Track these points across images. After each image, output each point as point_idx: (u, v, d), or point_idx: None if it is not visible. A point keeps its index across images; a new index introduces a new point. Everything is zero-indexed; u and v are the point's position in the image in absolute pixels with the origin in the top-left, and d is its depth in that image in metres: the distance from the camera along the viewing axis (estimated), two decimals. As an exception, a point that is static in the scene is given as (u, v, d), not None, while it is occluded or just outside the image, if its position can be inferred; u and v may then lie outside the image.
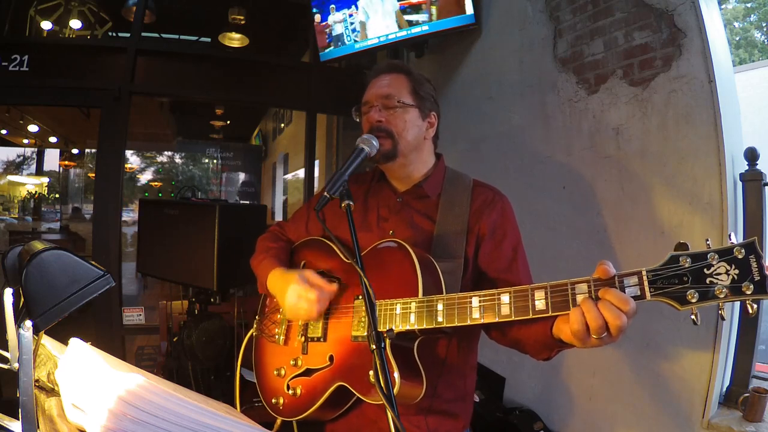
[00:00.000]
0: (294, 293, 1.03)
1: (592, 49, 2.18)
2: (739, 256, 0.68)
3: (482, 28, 2.83)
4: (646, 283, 0.73)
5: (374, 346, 0.77)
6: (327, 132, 4.80)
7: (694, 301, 0.70)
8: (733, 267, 0.68)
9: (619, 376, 2.01)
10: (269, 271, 1.14)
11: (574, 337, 0.78)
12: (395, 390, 0.87)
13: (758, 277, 0.67)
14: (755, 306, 0.68)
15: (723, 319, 0.71)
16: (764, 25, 19.56)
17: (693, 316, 0.71)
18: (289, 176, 9.16)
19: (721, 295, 0.68)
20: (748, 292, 0.67)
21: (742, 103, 2.11)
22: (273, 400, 1.11)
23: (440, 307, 0.89)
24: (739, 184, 1.75)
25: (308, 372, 1.06)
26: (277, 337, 1.15)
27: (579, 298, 0.77)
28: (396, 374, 0.88)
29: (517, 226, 1.15)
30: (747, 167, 1.75)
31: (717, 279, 0.69)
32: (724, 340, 1.70)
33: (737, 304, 1.76)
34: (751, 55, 18.29)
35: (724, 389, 1.79)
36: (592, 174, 2.15)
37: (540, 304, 0.80)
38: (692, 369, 1.76)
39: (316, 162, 4.06)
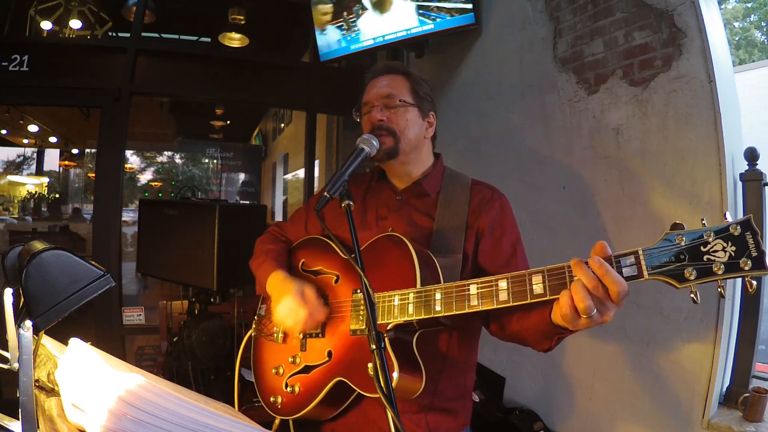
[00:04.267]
0: (286, 305, 1.04)
1: (592, 49, 2.18)
2: (735, 233, 0.68)
3: (482, 28, 2.83)
4: (643, 262, 0.73)
5: (374, 346, 0.77)
6: (327, 132, 4.81)
7: (692, 278, 0.70)
8: (730, 244, 0.68)
9: (619, 376, 2.01)
10: (270, 273, 1.14)
11: (563, 320, 0.79)
12: (394, 384, 0.87)
13: (756, 253, 0.66)
14: (755, 283, 0.67)
15: (722, 296, 0.70)
16: (764, 25, 19.56)
17: (692, 295, 0.70)
18: (289, 176, 9.17)
19: (719, 272, 0.68)
20: (746, 268, 0.67)
21: (742, 103, 2.11)
22: (271, 399, 1.11)
23: (438, 296, 0.90)
24: (739, 184, 1.75)
25: (307, 369, 1.07)
26: (275, 335, 1.16)
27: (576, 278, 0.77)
28: (395, 367, 0.88)
29: (515, 223, 1.16)
30: (747, 167, 1.75)
31: (714, 256, 0.69)
32: (724, 340, 1.70)
33: (737, 304, 1.76)
34: (751, 55, 18.29)
35: (724, 389, 1.79)
36: (592, 174, 2.15)
37: (537, 288, 0.80)
38: (692, 369, 1.76)
39: (316, 162, 4.06)
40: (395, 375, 0.88)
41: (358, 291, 1.03)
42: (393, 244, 1.02)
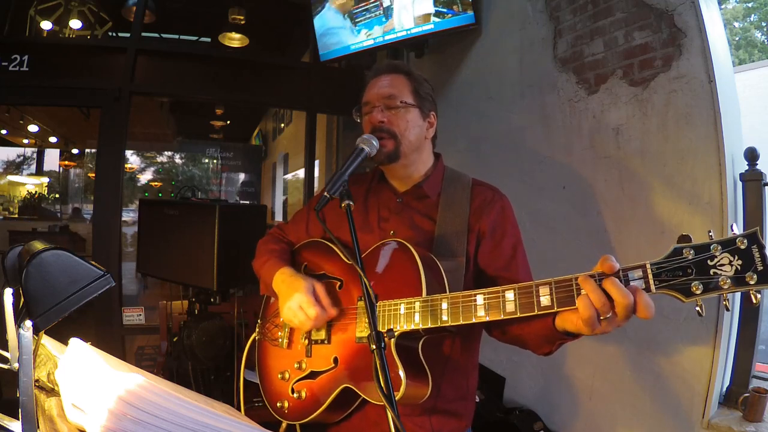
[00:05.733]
0: (296, 302, 1.03)
1: (592, 49, 2.18)
2: (742, 247, 0.68)
3: (482, 28, 2.83)
4: (650, 276, 0.73)
5: (374, 346, 0.77)
6: (327, 132, 4.80)
7: (698, 292, 0.70)
8: (736, 258, 0.69)
9: (619, 376, 2.01)
10: (276, 270, 1.13)
11: (584, 324, 0.77)
12: (401, 391, 0.87)
13: (761, 267, 0.67)
14: (759, 296, 0.68)
15: (727, 309, 0.71)
16: (764, 25, 19.56)
17: (698, 308, 0.71)
18: (289, 176, 9.18)
19: (725, 286, 0.69)
20: (752, 282, 0.67)
21: (742, 103, 2.11)
22: (278, 404, 1.11)
23: (444, 305, 0.89)
24: (739, 184, 1.75)
25: (313, 375, 1.06)
26: (280, 340, 1.15)
27: (584, 292, 0.76)
28: (402, 374, 0.88)
29: (516, 224, 1.15)
30: (747, 167, 1.75)
31: (720, 270, 0.69)
32: (724, 340, 1.70)
33: (738, 302, 1.76)
34: (751, 55, 18.29)
35: (724, 389, 1.79)
36: (592, 174, 2.15)
37: (545, 300, 0.80)
38: (692, 369, 1.76)
39: (316, 162, 4.06)
40: (402, 381, 0.87)
41: (363, 298, 1.03)
42: (397, 249, 1.01)
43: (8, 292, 0.58)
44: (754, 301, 0.68)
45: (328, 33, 3.32)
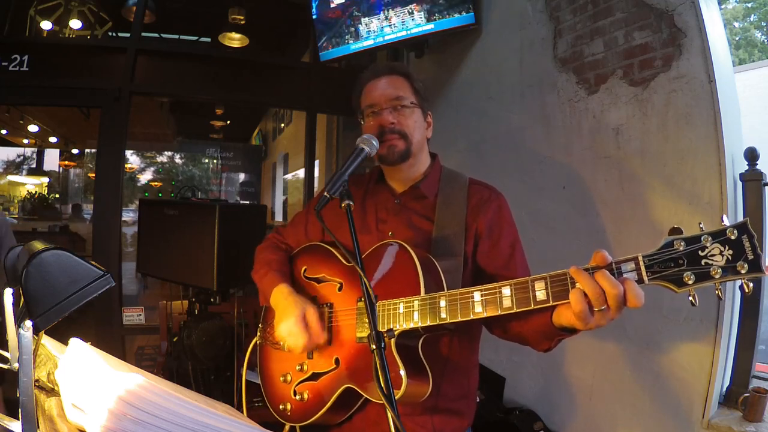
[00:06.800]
0: (287, 328, 1.04)
1: (592, 49, 2.18)
2: (732, 237, 0.70)
3: (482, 28, 2.83)
4: (643, 268, 0.74)
5: (374, 346, 0.77)
6: (327, 132, 4.80)
7: (690, 282, 0.71)
8: (727, 248, 0.70)
9: (619, 376, 2.01)
10: (273, 286, 1.14)
11: (577, 318, 0.78)
12: (402, 389, 0.87)
13: (752, 256, 0.68)
14: (751, 285, 0.69)
15: (720, 298, 0.72)
16: (764, 25, 19.56)
17: (691, 298, 0.72)
18: (289, 176, 9.17)
19: (717, 276, 0.70)
20: (743, 271, 0.69)
21: (742, 103, 2.11)
22: (281, 407, 1.11)
23: (443, 303, 0.90)
24: (739, 184, 1.75)
25: (315, 376, 1.07)
26: (281, 343, 1.16)
27: (577, 286, 0.77)
28: (402, 373, 0.88)
29: (513, 222, 1.16)
30: (747, 167, 1.75)
31: (712, 260, 0.70)
32: (724, 340, 1.70)
33: (737, 303, 1.76)
34: (751, 55, 18.29)
35: (724, 389, 1.79)
36: (592, 174, 2.15)
37: (541, 295, 0.81)
38: (692, 369, 1.76)
39: (316, 162, 4.06)
40: (403, 380, 0.88)
41: (362, 299, 1.03)
42: (395, 251, 1.02)
43: (8, 292, 0.58)
44: (747, 290, 0.69)
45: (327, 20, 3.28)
